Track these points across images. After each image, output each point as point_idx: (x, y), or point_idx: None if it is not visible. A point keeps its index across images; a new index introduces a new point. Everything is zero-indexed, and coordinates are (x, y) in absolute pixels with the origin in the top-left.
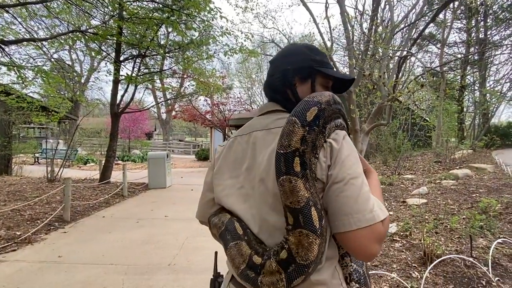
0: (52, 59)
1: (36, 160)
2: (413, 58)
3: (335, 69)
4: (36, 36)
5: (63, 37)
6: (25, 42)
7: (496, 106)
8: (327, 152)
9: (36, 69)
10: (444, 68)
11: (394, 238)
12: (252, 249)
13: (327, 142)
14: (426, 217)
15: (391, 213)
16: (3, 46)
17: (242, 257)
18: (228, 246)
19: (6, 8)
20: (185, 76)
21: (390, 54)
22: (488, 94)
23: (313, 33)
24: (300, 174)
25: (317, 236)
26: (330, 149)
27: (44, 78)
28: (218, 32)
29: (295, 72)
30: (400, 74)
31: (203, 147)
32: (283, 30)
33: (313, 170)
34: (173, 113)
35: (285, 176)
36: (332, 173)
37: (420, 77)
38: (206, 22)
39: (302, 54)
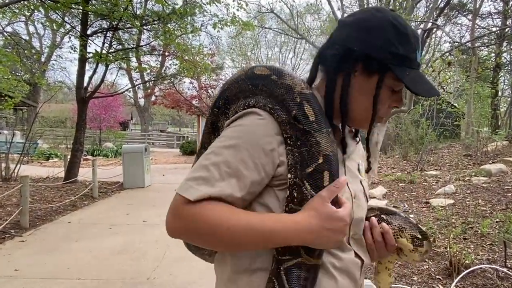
0: (5, 33)
1: None
2: (439, 32)
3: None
4: None
5: (17, 5)
6: None
7: None
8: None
9: None
10: (476, 44)
11: None
12: None
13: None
14: (453, 220)
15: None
16: None
17: None
18: None
19: None
20: (166, 53)
21: (412, 27)
22: None
23: (320, 0)
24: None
25: None
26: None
27: None
28: None
29: (361, 59)
30: (424, 50)
31: (189, 139)
32: None
33: None
34: (153, 98)
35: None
36: None
37: (447, 54)
38: None
39: (383, 37)
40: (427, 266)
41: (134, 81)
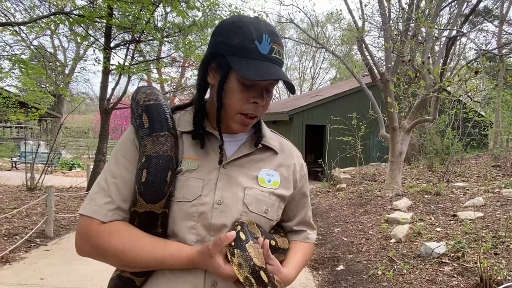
0: (32, 46)
1: (14, 165)
2: (464, 39)
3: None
4: (13, 20)
5: (44, 20)
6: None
7: None
8: None
9: (13, 58)
10: (504, 51)
11: (443, 261)
12: None
13: None
14: (483, 234)
15: (438, 229)
16: None
17: None
18: None
19: None
20: (186, 64)
21: (436, 35)
22: None
23: (341, 10)
24: None
25: None
26: None
27: (23, 69)
28: (225, 11)
29: (211, 58)
30: (449, 58)
31: None
32: (304, 8)
33: None
34: None
35: None
36: None
37: (473, 62)
38: (212, 0)
39: (222, 33)
40: (456, 282)
41: None
